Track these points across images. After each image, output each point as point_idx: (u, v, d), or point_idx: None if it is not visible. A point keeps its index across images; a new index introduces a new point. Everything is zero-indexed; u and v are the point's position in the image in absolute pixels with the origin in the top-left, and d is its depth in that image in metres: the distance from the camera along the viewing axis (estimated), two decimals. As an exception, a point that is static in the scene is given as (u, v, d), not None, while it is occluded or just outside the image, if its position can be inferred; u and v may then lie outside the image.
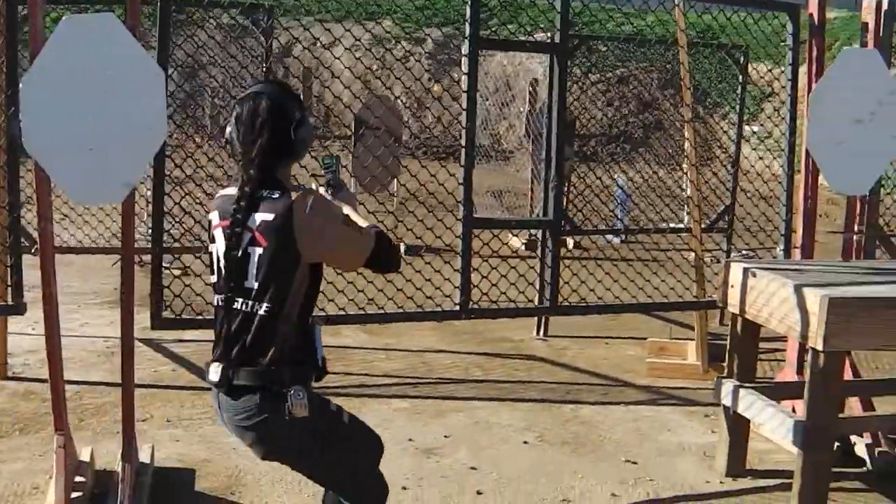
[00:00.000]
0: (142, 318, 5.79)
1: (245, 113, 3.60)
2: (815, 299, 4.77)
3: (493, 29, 21.65)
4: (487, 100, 15.96)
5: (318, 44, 7.19)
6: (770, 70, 10.69)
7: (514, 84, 19.02)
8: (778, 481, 5.73)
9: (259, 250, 3.50)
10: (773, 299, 5.15)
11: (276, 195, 3.53)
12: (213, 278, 3.68)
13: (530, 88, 13.54)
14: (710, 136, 18.68)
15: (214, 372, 3.55)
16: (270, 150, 3.58)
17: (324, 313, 5.90)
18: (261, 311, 3.50)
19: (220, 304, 3.61)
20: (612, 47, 15.68)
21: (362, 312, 6.02)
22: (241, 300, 3.53)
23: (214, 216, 3.67)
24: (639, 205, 11.86)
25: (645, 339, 8.47)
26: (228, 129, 3.67)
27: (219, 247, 3.61)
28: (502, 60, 18.47)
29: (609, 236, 13.06)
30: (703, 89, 20.30)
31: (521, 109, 16.72)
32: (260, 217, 3.50)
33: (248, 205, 3.52)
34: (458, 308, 6.00)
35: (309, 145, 3.78)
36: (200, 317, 6.12)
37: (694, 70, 17.53)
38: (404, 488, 5.44)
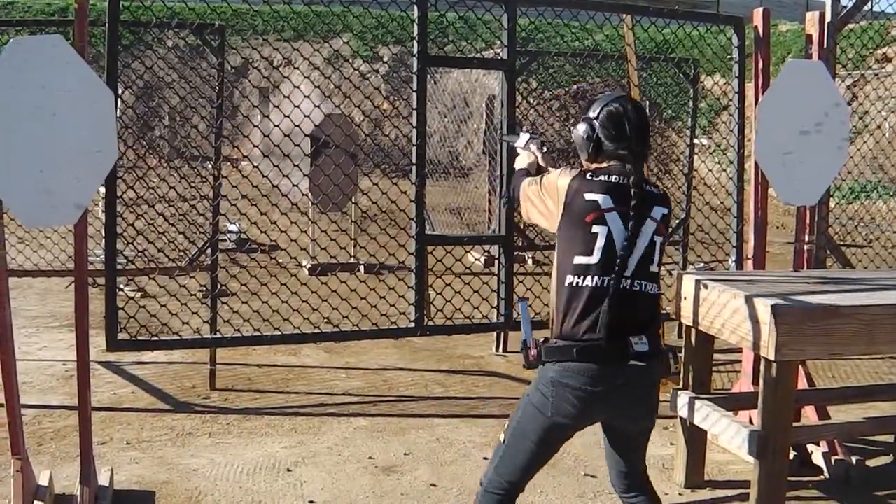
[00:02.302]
0: (100, 340, 5.77)
1: (634, 114, 3.95)
2: (765, 309, 4.81)
3: (454, 43, 21.73)
4: (445, 117, 15.99)
5: (275, 62, 7.21)
6: (728, 82, 10.79)
7: (472, 101, 19.06)
8: (737, 491, 5.76)
9: (660, 239, 3.90)
10: (725, 310, 5.18)
11: (655, 189, 3.95)
12: (587, 259, 3.83)
13: (487, 104, 13.57)
14: (670, 150, 18.76)
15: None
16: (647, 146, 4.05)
17: (279, 332, 5.91)
18: (656, 292, 3.90)
19: (603, 284, 3.80)
20: (570, 62, 15.77)
21: (318, 331, 6.00)
22: (643, 282, 3.84)
23: (602, 198, 3.82)
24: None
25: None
26: (584, 129, 3.99)
27: (613, 230, 3.80)
28: (459, 77, 18.50)
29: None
30: (661, 102, 20.42)
31: (479, 126, 16.76)
32: (658, 210, 3.89)
33: (651, 198, 3.87)
34: (413, 325, 5.99)
35: None
36: (156, 338, 6.10)
37: (653, 84, 17.65)
38: (364, 507, 5.47)
